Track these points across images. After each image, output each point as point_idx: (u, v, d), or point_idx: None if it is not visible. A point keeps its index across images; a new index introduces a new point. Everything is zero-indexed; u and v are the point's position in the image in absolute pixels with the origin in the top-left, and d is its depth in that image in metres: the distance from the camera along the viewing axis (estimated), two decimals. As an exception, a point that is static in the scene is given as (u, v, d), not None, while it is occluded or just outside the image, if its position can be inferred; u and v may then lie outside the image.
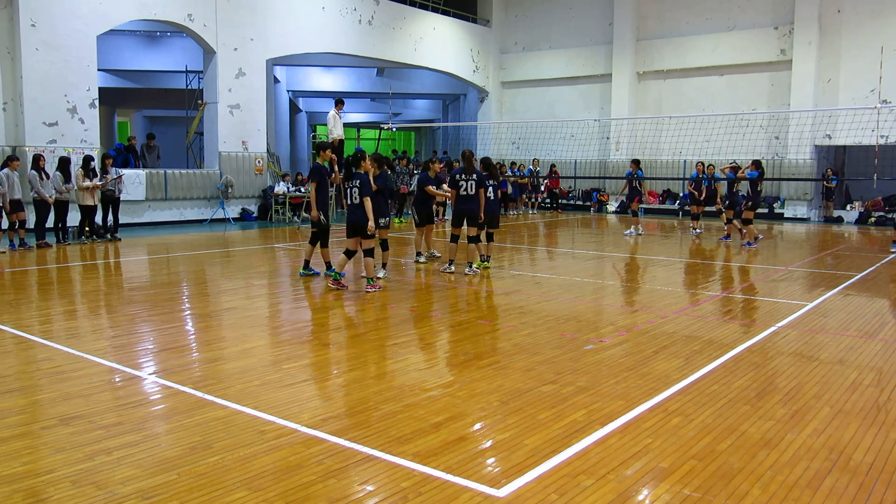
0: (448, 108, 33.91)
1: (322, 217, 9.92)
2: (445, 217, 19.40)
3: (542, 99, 27.73)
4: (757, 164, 14.81)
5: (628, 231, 17.12)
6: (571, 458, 4.06)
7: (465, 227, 10.84)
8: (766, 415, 4.80)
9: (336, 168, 10.72)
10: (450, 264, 10.76)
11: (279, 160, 22.66)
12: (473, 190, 10.54)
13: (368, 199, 9.06)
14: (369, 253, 9.19)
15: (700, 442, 4.31)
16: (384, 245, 10.36)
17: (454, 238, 10.79)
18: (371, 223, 9.01)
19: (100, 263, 12.13)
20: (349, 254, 9.24)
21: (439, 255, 12.20)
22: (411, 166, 24.03)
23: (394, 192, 21.12)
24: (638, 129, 25.33)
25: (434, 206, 12.75)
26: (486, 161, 11.19)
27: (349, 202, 9.17)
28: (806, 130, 21.50)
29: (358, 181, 9.09)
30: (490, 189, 10.84)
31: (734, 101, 23.27)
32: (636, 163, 17.17)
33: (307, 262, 10.27)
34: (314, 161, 10.72)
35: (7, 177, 12.92)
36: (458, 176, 10.63)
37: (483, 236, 11.04)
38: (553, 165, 25.21)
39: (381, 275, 10.06)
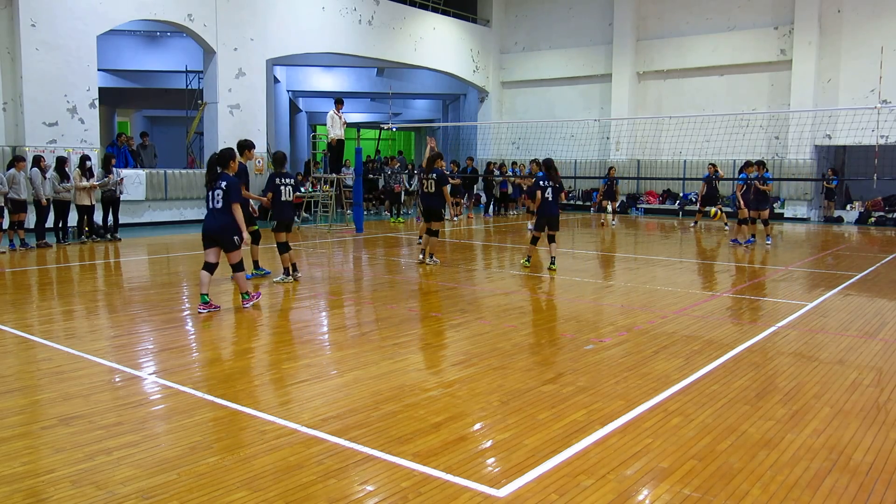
0: (448, 108, 33.91)
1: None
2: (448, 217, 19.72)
3: (542, 99, 27.73)
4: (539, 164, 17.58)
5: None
6: (571, 458, 4.06)
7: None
8: (766, 415, 4.79)
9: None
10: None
11: (279, 160, 22.65)
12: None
13: (238, 205, 7.86)
14: (238, 267, 8.17)
15: (700, 442, 4.31)
16: (285, 247, 9.78)
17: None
18: (245, 234, 7.96)
19: (100, 263, 12.13)
20: (210, 268, 8.04)
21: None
22: (410, 165, 24.06)
23: (388, 191, 21.16)
24: (638, 129, 25.34)
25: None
26: (547, 162, 11.12)
27: (210, 206, 7.95)
28: (806, 130, 21.49)
29: (224, 183, 7.82)
30: (549, 191, 10.83)
31: (734, 101, 23.27)
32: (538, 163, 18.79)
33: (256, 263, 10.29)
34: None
35: (13, 177, 12.95)
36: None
37: (545, 238, 11.08)
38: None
39: (278, 279, 9.81)
